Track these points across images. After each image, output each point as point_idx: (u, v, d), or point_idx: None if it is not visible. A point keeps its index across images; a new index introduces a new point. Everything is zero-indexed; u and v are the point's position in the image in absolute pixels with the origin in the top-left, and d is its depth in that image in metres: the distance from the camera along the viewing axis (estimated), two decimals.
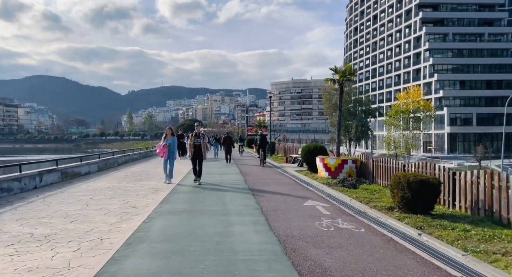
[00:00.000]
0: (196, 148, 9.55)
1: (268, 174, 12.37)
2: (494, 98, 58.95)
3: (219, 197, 7.68)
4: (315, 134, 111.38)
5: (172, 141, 9.64)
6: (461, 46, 60.39)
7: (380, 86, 75.85)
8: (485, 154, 47.07)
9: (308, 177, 11.03)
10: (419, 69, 63.36)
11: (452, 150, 57.00)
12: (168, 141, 9.60)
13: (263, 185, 9.62)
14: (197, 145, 9.56)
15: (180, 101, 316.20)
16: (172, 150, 9.60)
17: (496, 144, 55.56)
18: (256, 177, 11.50)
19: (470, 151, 56.23)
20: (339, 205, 6.88)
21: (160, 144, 9.68)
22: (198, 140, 9.62)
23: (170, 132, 9.74)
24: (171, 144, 9.60)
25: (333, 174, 10.29)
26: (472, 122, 57.21)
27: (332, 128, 67.16)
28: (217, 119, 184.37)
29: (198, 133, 9.69)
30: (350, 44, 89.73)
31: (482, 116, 57.46)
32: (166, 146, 9.49)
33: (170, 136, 9.65)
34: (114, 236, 4.60)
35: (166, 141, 9.58)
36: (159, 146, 9.61)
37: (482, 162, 44.86)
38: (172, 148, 9.58)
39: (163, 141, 9.70)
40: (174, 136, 9.84)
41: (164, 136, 9.70)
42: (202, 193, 8.11)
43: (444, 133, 56.66)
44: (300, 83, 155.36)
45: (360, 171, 10.45)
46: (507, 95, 59.67)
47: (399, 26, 68.72)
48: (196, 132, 9.74)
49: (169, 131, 9.81)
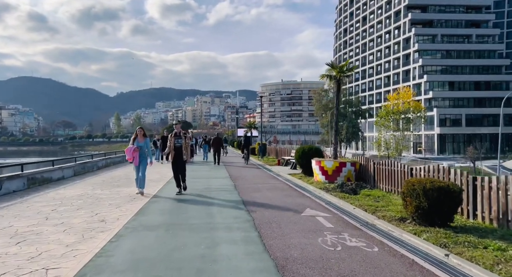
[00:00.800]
0: (177, 150, 8.11)
1: (260, 178, 11.46)
2: (482, 99, 59.40)
3: (204, 206, 6.73)
4: (305, 136, 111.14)
5: (144, 143, 8.07)
6: (449, 47, 60.70)
7: (370, 87, 75.87)
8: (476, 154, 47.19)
9: (303, 181, 10.16)
10: (409, 70, 63.44)
11: (442, 151, 57.11)
12: (139, 143, 8.01)
13: (255, 190, 8.70)
14: (177, 147, 8.10)
15: (170, 103, 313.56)
16: (145, 154, 8.06)
17: (485, 144, 55.94)
18: (246, 181, 10.58)
19: (460, 151, 56.40)
20: (341, 215, 6.01)
21: (130, 147, 7.85)
22: (179, 140, 8.13)
23: (141, 133, 8.14)
24: (142, 146, 8.03)
25: (330, 178, 9.44)
26: (461, 123, 57.44)
27: (323, 129, 66.81)
28: (207, 121, 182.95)
29: (178, 133, 8.24)
30: (339, 46, 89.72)
31: (471, 117, 57.76)
32: (137, 149, 7.88)
33: (142, 138, 8.10)
34: (65, 264, 3.60)
35: (136, 144, 7.97)
36: (129, 150, 7.81)
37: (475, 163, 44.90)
38: (144, 152, 8.04)
39: (132, 143, 7.97)
40: (147, 138, 8.29)
41: (134, 138, 8.05)
42: (185, 202, 7.14)
43: (434, 134, 56.71)
44: (290, 84, 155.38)
45: (359, 175, 9.63)
46: (495, 96, 60.41)
47: (388, 27, 68.83)
48: (176, 132, 8.28)
49: (141, 132, 8.21)
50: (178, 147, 8.13)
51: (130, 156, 7.80)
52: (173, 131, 8.42)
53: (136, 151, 7.86)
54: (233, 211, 6.30)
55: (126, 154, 7.93)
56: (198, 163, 17.45)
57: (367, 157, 9.66)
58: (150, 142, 8.96)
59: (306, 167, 11.13)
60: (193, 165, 16.07)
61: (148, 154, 8.12)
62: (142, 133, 8.21)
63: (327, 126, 61.42)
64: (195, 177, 11.62)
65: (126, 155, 8.01)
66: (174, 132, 8.34)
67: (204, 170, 14.29)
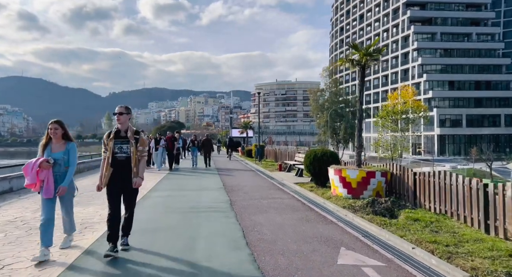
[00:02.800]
0: (119, 166, 4.05)
1: (262, 189, 9.27)
2: (482, 99, 58.03)
3: (186, 242, 4.53)
4: (300, 136, 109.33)
5: (62, 153, 4.02)
6: (449, 46, 59.26)
7: (367, 87, 74.12)
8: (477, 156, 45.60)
9: (317, 195, 7.99)
10: (407, 69, 61.88)
11: (442, 152, 55.57)
12: (54, 154, 4.00)
13: (258, 211, 6.51)
14: (120, 160, 4.05)
15: (163, 103, 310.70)
16: (63, 174, 4.02)
17: (487, 145, 54.49)
18: (245, 194, 8.38)
19: (460, 153, 54.92)
20: (398, 261, 3.86)
21: (31, 163, 3.86)
22: (125, 147, 4.07)
23: (59, 134, 4.04)
24: (58, 160, 3.99)
25: (354, 192, 7.29)
26: (462, 123, 55.94)
27: (319, 129, 64.90)
28: (201, 121, 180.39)
29: (124, 132, 4.14)
30: (335, 45, 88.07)
31: (472, 117, 56.30)
32: (49, 166, 3.90)
33: (59, 143, 4.07)
34: None
35: (48, 154, 3.98)
36: (28, 168, 3.84)
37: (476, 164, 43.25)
38: (61, 171, 4.01)
39: (41, 152, 4.00)
40: (72, 142, 4.14)
41: (44, 144, 4.04)
42: (158, 233, 4.95)
43: (434, 135, 55.10)
44: (285, 85, 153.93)
45: (390, 187, 7.51)
46: (496, 96, 59.19)
47: (386, 26, 67.26)
48: (117, 129, 4.17)
49: (56, 131, 4.02)
50: (121, 160, 4.05)
51: (32, 180, 3.86)
52: (112, 129, 4.22)
53: (47, 169, 3.90)
54: (231, 254, 4.09)
55: (26, 176, 3.90)
56: (186, 170, 14.96)
57: (398, 164, 7.52)
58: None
59: (319, 175, 8.98)
60: (179, 172, 13.84)
61: (70, 174, 4.03)
62: (61, 133, 4.06)
63: (323, 126, 59.51)
64: (182, 188, 9.41)
65: (25, 177, 3.93)
66: (115, 130, 4.17)
67: (192, 178, 12.03)
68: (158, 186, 9.75)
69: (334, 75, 63.61)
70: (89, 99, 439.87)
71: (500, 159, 47.71)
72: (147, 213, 6.31)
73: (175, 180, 11.17)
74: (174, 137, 15.09)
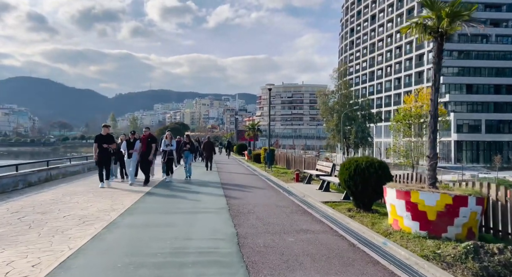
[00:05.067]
0: None
1: (282, 213, 6.60)
2: (502, 104, 54.87)
3: None
4: (306, 140, 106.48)
5: None
6: (467, 47, 56.30)
7: (378, 90, 71.38)
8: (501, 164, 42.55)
9: (366, 227, 5.32)
10: (422, 71, 59.00)
11: (459, 159, 52.47)
12: None
13: (286, 265, 3.86)
14: None
15: (168, 105, 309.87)
16: None
17: (507, 153, 51.28)
18: (260, 222, 5.73)
19: (478, 160, 51.81)
20: None
21: None
22: None
23: None
24: None
25: (432, 228, 4.62)
26: (481, 129, 52.83)
27: (328, 133, 62.09)
28: (206, 123, 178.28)
29: None
30: (345, 46, 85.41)
31: (491, 123, 53.16)
32: None
33: None
34: None
35: None
36: None
37: (499, 173, 40.16)
38: None
39: None
40: None
41: None
42: None
43: (451, 141, 52.01)
44: (291, 87, 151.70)
45: (485, 219, 4.85)
46: None
47: (399, 26, 64.35)
48: None
49: None
50: None
51: None
52: None
53: None
54: None
55: None
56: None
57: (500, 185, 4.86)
58: None
59: (362, 194, 6.32)
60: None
61: None
62: None
63: (333, 130, 56.73)
64: (169, 210, 6.77)
65: None
66: None
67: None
68: (136, 205, 7.15)
69: (344, 77, 60.83)
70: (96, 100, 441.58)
71: None
72: (95, 268, 3.71)
73: (162, 197, 8.38)
74: (152, 137, 10.73)
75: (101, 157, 9.51)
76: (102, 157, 9.51)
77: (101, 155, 9.51)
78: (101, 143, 9.53)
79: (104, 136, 9.74)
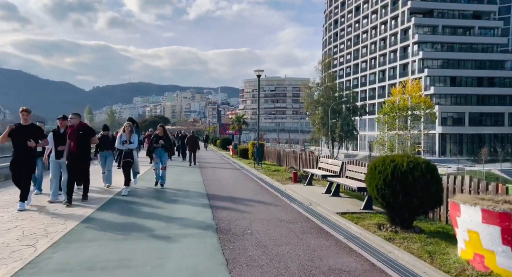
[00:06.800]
0: None
1: (287, 232, 4.79)
2: (485, 97, 55.08)
3: None
4: (289, 134, 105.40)
5: None
6: (451, 39, 56.08)
7: (363, 83, 70.68)
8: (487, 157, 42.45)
9: (425, 263, 3.60)
10: (407, 64, 58.47)
11: (443, 152, 52.45)
12: None
13: None
14: None
15: (148, 98, 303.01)
16: None
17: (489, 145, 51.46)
18: (262, 252, 3.92)
19: (462, 153, 51.87)
20: None
21: None
22: None
23: None
24: None
25: None
26: (464, 122, 52.86)
27: (313, 127, 60.81)
28: (187, 117, 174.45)
29: None
30: (329, 38, 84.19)
31: (474, 116, 53.28)
32: None
33: None
34: None
35: None
36: None
37: (485, 166, 40.00)
38: None
39: None
40: None
41: None
42: None
43: (435, 134, 51.76)
44: (274, 81, 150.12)
45: None
46: (499, 93, 56.27)
47: (384, 18, 63.60)
48: None
49: None
50: None
51: None
52: None
53: None
54: None
55: None
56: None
57: None
58: None
59: (402, 207, 4.60)
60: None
61: None
62: None
63: (318, 123, 55.50)
64: (132, 237, 4.81)
65: None
66: None
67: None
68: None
69: (329, 69, 59.51)
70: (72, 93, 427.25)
71: (505, 160, 44.81)
72: None
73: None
74: (87, 129, 7.02)
75: (19, 158, 5.92)
76: (20, 158, 5.91)
77: (17, 156, 5.93)
78: (19, 137, 5.90)
79: (23, 127, 6.04)
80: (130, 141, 7.73)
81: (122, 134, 7.84)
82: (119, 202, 6.95)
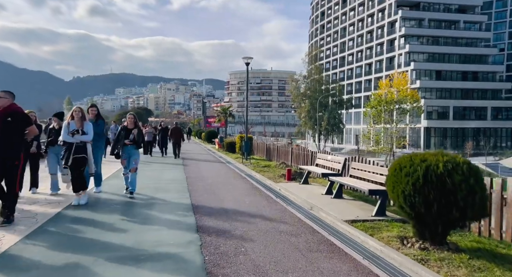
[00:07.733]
0: None
1: (291, 250, 3.80)
2: (469, 91, 55.60)
3: None
4: (275, 127, 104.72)
5: None
6: (437, 33, 56.11)
7: (349, 76, 70.36)
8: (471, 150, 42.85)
9: None
10: (393, 57, 58.29)
11: (427, 146, 52.79)
12: None
13: None
14: None
15: (131, 89, 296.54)
16: None
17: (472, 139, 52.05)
18: None
19: (446, 147, 52.36)
20: None
21: None
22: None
23: None
24: None
25: None
26: (449, 116, 53.25)
27: (299, 120, 60.15)
28: (171, 109, 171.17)
29: None
30: (316, 30, 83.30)
31: (459, 110, 53.74)
32: None
33: None
34: None
35: None
36: None
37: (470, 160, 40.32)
38: None
39: None
40: None
41: None
42: None
43: (421, 128, 51.97)
44: (260, 73, 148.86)
45: None
46: (483, 88, 56.91)
47: (371, 10, 63.11)
48: None
49: None
50: None
51: None
52: None
53: None
54: None
55: None
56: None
57: None
58: None
59: (436, 221, 3.68)
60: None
61: None
62: None
63: (305, 116, 54.85)
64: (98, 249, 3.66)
65: None
66: None
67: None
68: None
69: (316, 61, 58.69)
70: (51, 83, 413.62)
71: (489, 153, 45.40)
72: None
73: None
74: (17, 114, 4.67)
75: None
76: None
77: None
78: None
79: None
80: (83, 131, 5.69)
81: (70, 122, 5.75)
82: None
